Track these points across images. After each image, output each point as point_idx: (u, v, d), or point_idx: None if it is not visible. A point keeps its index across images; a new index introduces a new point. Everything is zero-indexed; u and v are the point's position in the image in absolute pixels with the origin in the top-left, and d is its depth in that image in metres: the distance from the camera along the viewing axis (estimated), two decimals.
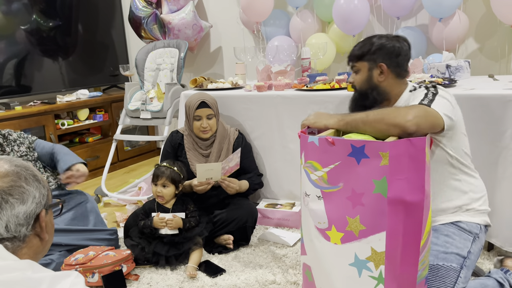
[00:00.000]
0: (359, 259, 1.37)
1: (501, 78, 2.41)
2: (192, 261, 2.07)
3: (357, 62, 1.70)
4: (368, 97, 1.68)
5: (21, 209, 0.93)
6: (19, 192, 0.93)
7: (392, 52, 1.63)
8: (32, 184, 0.96)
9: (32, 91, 3.66)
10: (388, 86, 1.66)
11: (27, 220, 0.94)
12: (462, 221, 1.59)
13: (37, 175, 0.99)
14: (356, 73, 1.72)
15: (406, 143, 1.28)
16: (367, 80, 1.68)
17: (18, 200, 0.93)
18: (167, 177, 2.14)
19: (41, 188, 0.98)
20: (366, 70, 1.67)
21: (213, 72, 4.13)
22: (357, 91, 1.72)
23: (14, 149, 2.24)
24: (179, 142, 2.46)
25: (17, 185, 0.93)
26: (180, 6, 3.73)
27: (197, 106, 2.34)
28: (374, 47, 1.64)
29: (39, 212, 0.96)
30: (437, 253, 1.51)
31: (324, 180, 1.40)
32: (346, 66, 3.37)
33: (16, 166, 0.96)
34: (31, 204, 0.94)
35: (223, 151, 2.42)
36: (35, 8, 3.61)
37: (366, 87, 1.68)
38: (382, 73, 1.65)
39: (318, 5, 3.21)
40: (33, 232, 0.95)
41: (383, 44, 1.64)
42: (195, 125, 2.36)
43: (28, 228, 0.94)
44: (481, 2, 2.90)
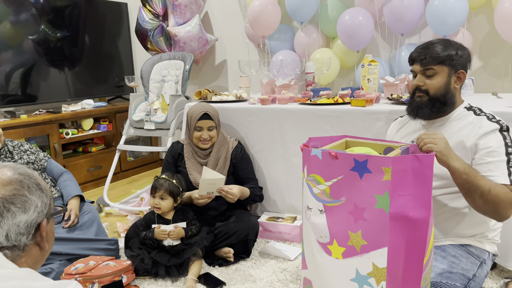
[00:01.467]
0: (360, 275, 1.36)
1: (505, 96, 2.41)
2: (192, 273, 2.06)
3: (437, 65, 1.58)
4: (445, 103, 1.61)
5: (23, 218, 0.92)
6: (21, 201, 0.92)
7: (469, 60, 1.61)
8: (35, 193, 0.95)
9: (37, 100, 3.69)
10: (457, 94, 1.64)
11: (28, 230, 0.93)
12: (472, 245, 1.59)
13: (40, 184, 0.98)
14: (429, 77, 1.60)
15: (411, 159, 1.28)
16: (445, 85, 1.59)
17: (20, 209, 0.92)
18: (165, 189, 2.14)
19: (44, 197, 0.97)
20: (445, 75, 1.59)
21: (218, 84, 4.15)
22: (429, 96, 1.61)
23: (23, 157, 2.29)
24: (179, 152, 2.47)
25: (19, 194, 0.92)
26: (186, 19, 3.77)
27: (199, 117, 2.36)
28: (458, 53, 1.58)
29: (41, 221, 0.95)
30: (442, 272, 1.50)
31: (326, 194, 1.40)
32: (349, 81, 3.40)
33: (20, 174, 0.95)
34: (32, 213, 0.93)
35: (220, 160, 2.43)
36: (43, 19, 3.66)
37: (442, 92, 1.60)
38: (459, 81, 1.61)
39: (322, 20, 3.24)
40: (33, 241, 0.94)
41: (464, 51, 1.60)
42: (195, 135, 2.38)
43: (28, 238, 0.93)
44: (484, 20, 2.93)
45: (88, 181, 3.80)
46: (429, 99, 1.61)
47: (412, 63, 1.66)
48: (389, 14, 2.88)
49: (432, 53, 1.58)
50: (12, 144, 2.30)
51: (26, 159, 2.31)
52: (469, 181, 1.43)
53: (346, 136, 1.68)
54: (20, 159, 2.28)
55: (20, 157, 2.29)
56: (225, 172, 2.41)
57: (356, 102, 2.34)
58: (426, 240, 1.30)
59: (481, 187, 1.42)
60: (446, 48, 1.58)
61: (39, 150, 2.41)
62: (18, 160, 2.27)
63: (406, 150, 1.50)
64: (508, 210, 1.44)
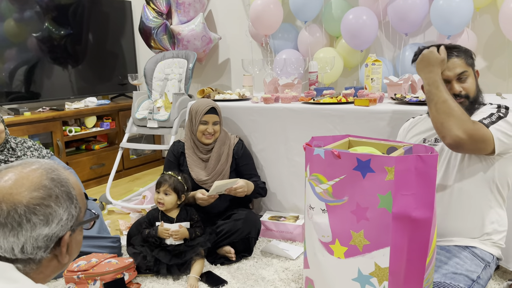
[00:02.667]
0: (363, 274, 1.35)
1: (509, 97, 2.40)
2: (194, 271, 2.06)
3: (465, 66, 1.57)
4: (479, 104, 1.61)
5: (43, 231, 0.82)
6: (44, 213, 0.82)
7: None
8: (62, 204, 0.84)
9: (41, 97, 3.70)
10: None
11: (47, 243, 0.83)
12: (477, 247, 1.59)
13: (71, 192, 0.87)
14: (462, 81, 1.58)
15: (414, 158, 1.28)
16: (476, 85, 1.60)
17: (42, 221, 0.81)
18: (170, 184, 2.14)
19: (72, 209, 0.86)
20: (473, 76, 1.60)
21: (221, 83, 4.15)
22: (469, 100, 1.59)
23: (27, 154, 2.30)
24: (181, 151, 2.46)
25: (45, 204, 0.82)
26: (190, 17, 3.77)
27: (206, 111, 2.37)
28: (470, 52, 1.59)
29: (63, 235, 0.85)
30: (446, 272, 1.50)
31: (329, 193, 1.40)
32: (353, 81, 3.40)
33: (51, 181, 0.84)
34: (55, 227, 0.83)
35: (223, 156, 2.43)
36: (47, 17, 3.67)
37: (477, 92, 1.60)
38: (476, 77, 1.62)
39: (326, 19, 3.23)
40: (51, 255, 0.85)
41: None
42: (200, 129, 2.38)
43: (46, 251, 0.84)
44: (489, 20, 2.91)
45: (90, 178, 3.80)
46: (470, 103, 1.59)
47: None
48: (393, 14, 2.88)
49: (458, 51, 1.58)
50: (15, 141, 2.30)
51: (30, 155, 2.31)
52: (431, 91, 1.52)
53: (349, 135, 1.67)
54: (23, 156, 2.29)
55: (24, 153, 2.30)
56: (227, 169, 2.41)
57: (360, 101, 2.33)
58: (428, 240, 1.29)
59: (439, 96, 1.50)
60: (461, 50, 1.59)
61: (42, 147, 2.41)
62: (21, 156, 2.28)
63: (409, 150, 1.50)
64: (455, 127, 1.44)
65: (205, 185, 2.37)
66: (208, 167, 2.40)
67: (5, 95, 3.45)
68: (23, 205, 0.80)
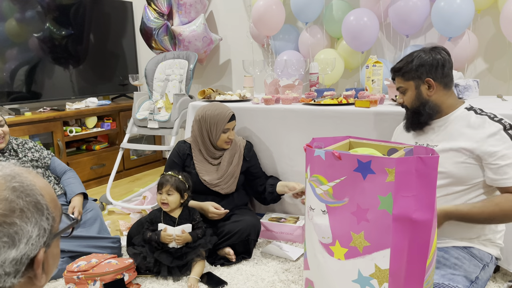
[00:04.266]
0: (363, 276, 1.35)
1: (510, 99, 2.40)
2: (195, 272, 2.06)
3: (402, 82, 1.69)
4: (422, 114, 1.66)
5: (9, 255, 0.66)
6: (8, 233, 0.65)
7: (436, 65, 1.63)
8: (30, 219, 0.68)
9: (42, 97, 3.70)
10: (438, 99, 1.65)
11: (16, 267, 0.67)
12: (475, 248, 1.59)
13: (40, 202, 0.70)
14: (403, 93, 1.71)
15: (415, 160, 1.28)
16: (417, 98, 1.66)
17: (6, 243, 0.65)
18: (172, 184, 2.14)
19: (43, 221, 0.70)
20: (413, 89, 1.66)
21: (221, 84, 4.15)
22: (409, 110, 1.71)
23: (27, 155, 2.30)
24: (187, 152, 2.44)
25: (7, 222, 0.65)
26: (191, 18, 3.78)
27: (229, 119, 2.34)
28: (415, 64, 1.63)
29: (36, 254, 0.69)
30: (445, 273, 1.50)
31: (329, 194, 1.40)
32: (353, 82, 3.40)
33: (14, 191, 0.67)
34: (24, 247, 0.67)
35: (234, 158, 2.43)
36: (48, 17, 3.67)
37: (417, 104, 1.67)
38: (431, 87, 1.64)
39: (327, 21, 3.24)
40: (24, 279, 0.69)
41: (424, 59, 1.63)
42: (222, 138, 2.35)
43: (17, 276, 0.68)
44: (490, 22, 2.91)
45: (91, 179, 3.80)
46: (411, 113, 1.71)
47: (393, 80, 1.76)
48: (394, 15, 2.88)
49: (395, 72, 1.70)
50: (16, 142, 2.31)
51: (30, 156, 2.32)
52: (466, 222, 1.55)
53: (350, 137, 1.67)
54: (24, 157, 2.29)
55: (25, 154, 2.30)
56: (238, 171, 2.42)
57: (360, 103, 2.33)
58: (429, 242, 1.29)
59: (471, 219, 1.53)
60: (405, 63, 1.66)
61: (43, 148, 2.41)
62: (22, 158, 2.28)
63: (410, 152, 1.50)
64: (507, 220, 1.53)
65: (217, 187, 2.37)
66: (220, 169, 2.39)
67: (6, 95, 3.46)
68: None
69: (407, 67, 1.65)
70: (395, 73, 1.70)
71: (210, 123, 2.35)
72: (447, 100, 1.66)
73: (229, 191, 2.40)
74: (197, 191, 2.38)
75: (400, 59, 1.71)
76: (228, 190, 2.39)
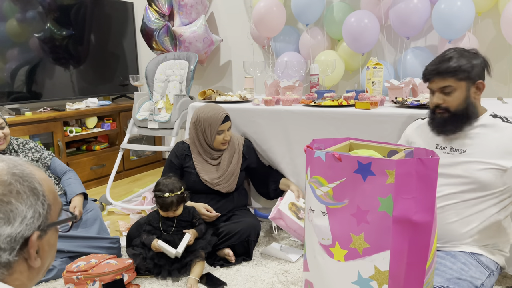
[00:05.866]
0: (362, 278, 1.35)
1: (510, 101, 2.40)
2: (194, 273, 2.06)
3: (453, 82, 1.59)
4: (464, 116, 1.61)
5: (4, 230, 0.74)
6: (5, 210, 0.74)
7: (484, 68, 1.61)
8: (25, 200, 0.77)
9: (42, 97, 3.70)
10: (477, 103, 1.64)
11: (11, 244, 0.75)
12: (483, 255, 1.59)
13: (36, 188, 0.79)
14: (447, 94, 1.61)
15: (415, 162, 1.28)
16: (465, 100, 1.60)
17: (2, 219, 0.74)
18: (175, 204, 2.11)
19: (38, 206, 0.78)
20: (464, 90, 1.59)
21: (222, 85, 4.16)
22: (450, 112, 1.62)
23: (28, 155, 2.31)
24: (186, 153, 2.45)
25: (4, 201, 0.75)
26: (192, 19, 3.78)
27: (222, 121, 2.33)
28: (471, 64, 1.57)
29: (30, 235, 0.77)
30: (450, 277, 1.49)
31: (329, 196, 1.40)
32: (354, 84, 3.40)
33: (13, 175, 0.77)
34: (18, 226, 0.75)
35: (234, 157, 2.43)
36: (49, 17, 3.68)
37: (463, 107, 1.61)
38: (479, 90, 1.61)
39: (328, 22, 3.24)
40: (20, 258, 0.77)
41: (478, 60, 1.59)
42: (217, 139, 2.35)
43: (12, 254, 0.75)
44: (491, 25, 2.92)
45: (91, 179, 3.80)
46: (451, 116, 1.62)
47: (427, 81, 1.65)
48: (395, 17, 2.88)
49: (447, 70, 1.58)
50: (17, 143, 2.31)
51: (31, 157, 2.32)
52: None
53: (350, 138, 1.67)
54: (25, 157, 2.29)
55: (25, 155, 2.30)
56: (238, 169, 2.42)
57: (361, 104, 2.33)
58: (429, 244, 1.29)
59: None
60: (459, 62, 1.57)
61: (44, 148, 2.41)
62: (23, 158, 2.29)
63: (410, 153, 1.50)
64: None
65: (218, 186, 2.37)
66: (220, 169, 2.39)
67: (6, 95, 3.46)
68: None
69: (459, 65, 1.57)
70: (447, 73, 1.58)
71: (204, 126, 2.35)
72: (480, 105, 1.66)
73: (229, 189, 2.40)
74: (197, 191, 2.37)
75: (443, 58, 1.61)
76: (228, 189, 2.39)
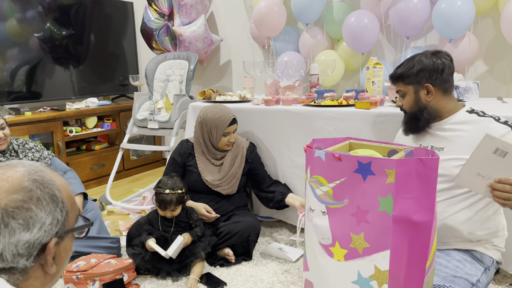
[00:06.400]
0: (362, 277, 1.35)
1: (510, 101, 2.40)
2: (194, 273, 2.06)
3: (402, 86, 1.69)
4: (420, 118, 1.67)
5: (23, 237, 0.74)
6: (24, 217, 0.75)
7: (436, 70, 1.62)
8: (45, 207, 0.77)
9: (42, 97, 3.70)
10: (437, 104, 1.65)
11: (29, 251, 0.75)
12: (477, 251, 1.59)
13: (56, 195, 0.79)
14: (402, 97, 1.71)
15: (415, 161, 1.28)
16: (415, 103, 1.67)
17: (21, 225, 0.74)
18: (175, 203, 2.12)
19: (57, 212, 0.78)
20: (412, 93, 1.66)
21: (222, 85, 4.16)
22: (407, 114, 1.72)
23: (28, 155, 2.30)
24: (189, 152, 2.45)
25: (24, 207, 0.75)
26: (192, 19, 3.78)
27: (229, 123, 2.34)
28: (415, 69, 1.63)
29: (47, 241, 0.77)
30: (446, 275, 1.49)
31: (329, 195, 1.40)
32: (354, 83, 3.40)
33: (34, 182, 0.77)
34: (37, 232, 0.76)
35: (237, 159, 2.42)
36: (49, 17, 3.68)
37: (415, 109, 1.67)
38: (429, 93, 1.64)
39: (328, 22, 3.24)
40: (36, 264, 0.77)
41: (424, 64, 1.62)
42: (223, 141, 2.35)
43: (29, 260, 0.76)
44: (491, 25, 2.91)
45: (91, 179, 3.80)
46: (409, 116, 1.72)
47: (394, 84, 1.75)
48: (395, 17, 2.88)
49: (394, 75, 1.69)
50: (17, 143, 2.30)
51: (31, 156, 2.31)
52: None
53: (350, 138, 1.67)
54: (25, 157, 2.29)
55: (25, 155, 2.30)
56: (240, 172, 2.42)
57: (360, 104, 2.33)
58: (429, 244, 1.29)
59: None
60: (406, 67, 1.65)
61: (44, 148, 2.41)
62: (23, 158, 2.28)
63: (410, 153, 1.50)
64: None
65: (219, 188, 2.37)
66: (222, 170, 2.39)
67: (6, 95, 3.46)
68: (0, 209, 0.74)
69: (407, 71, 1.65)
70: (396, 78, 1.70)
71: (210, 126, 2.35)
72: (447, 105, 1.66)
73: (230, 192, 2.39)
74: (198, 190, 2.38)
75: (401, 63, 1.70)
76: (229, 191, 2.39)
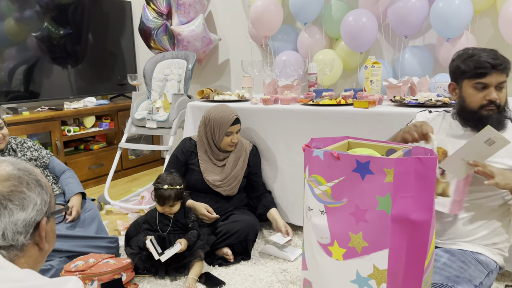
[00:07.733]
0: (361, 276, 1.35)
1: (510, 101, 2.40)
2: (193, 272, 2.06)
3: (505, 78, 1.53)
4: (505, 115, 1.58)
5: (20, 216, 0.87)
6: (19, 198, 0.88)
7: None
8: (34, 189, 0.90)
9: (40, 97, 3.69)
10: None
11: (26, 228, 0.88)
12: (483, 254, 1.59)
13: (40, 180, 0.93)
14: (499, 90, 1.54)
15: (413, 160, 1.28)
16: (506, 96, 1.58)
17: (17, 206, 0.87)
18: (173, 199, 2.12)
19: (44, 194, 0.92)
20: (506, 85, 1.57)
21: (220, 84, 4.15)
22: (498, 109, 1.55)
23: (26, 154, 2.30)
24: (192, 150, 2.45)
25: (18, 190, 0.88)
26: (190, 18, 3.77)
27: (232, 122, 2.34)
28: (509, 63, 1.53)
29: (40, 220, 0.90)
30: (449, 275, 1.49)
31: (328, 194, 1.39)
32: (352, 82, 3.40)
33: (19, 170, 0.91)
34: (31, 211, 0.89)
35: (239, 161, 2.42)
36: (47, 16, 3.67)
37: (506, 104, 1.59)
38: None
39: (326, 21, 3.24)
40: (32, 241, 0.90)
41: None
42: (225, 141, 2.35)
43: (26, 237, 0.88)
44: (489, 23, 2.92)
45: (89, 178, 3.80)
46: (498, 112, 1.55)
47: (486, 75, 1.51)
48: (393, 16, 2.88)
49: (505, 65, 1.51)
50: (15, 142, 2.31)
51: (29, 156, 2.31)
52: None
53: (348, 137, 1.67)
54: (23, 156, 2.29)
55: (23, 154, 2.30)
56: (242, 174, 2.42)
57: (359, 103, 2.33)
58: (427, 243, 1.29)
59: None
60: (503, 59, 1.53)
61: (42, 148, 2.41)
62: (21, 157, 2.28)
63: (408, 152, 1.50)
64: None
65: (219, 188, 2.38)
66: (224, 171, 2.39)
67: (4, 94, 3.45)
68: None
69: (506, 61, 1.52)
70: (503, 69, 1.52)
71: (213, 126, 2.36)
72: None
73: (230, 193, 2.40)
74: (199, 189, 2.38)
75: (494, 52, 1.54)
76: (230, 192, 2.39)
